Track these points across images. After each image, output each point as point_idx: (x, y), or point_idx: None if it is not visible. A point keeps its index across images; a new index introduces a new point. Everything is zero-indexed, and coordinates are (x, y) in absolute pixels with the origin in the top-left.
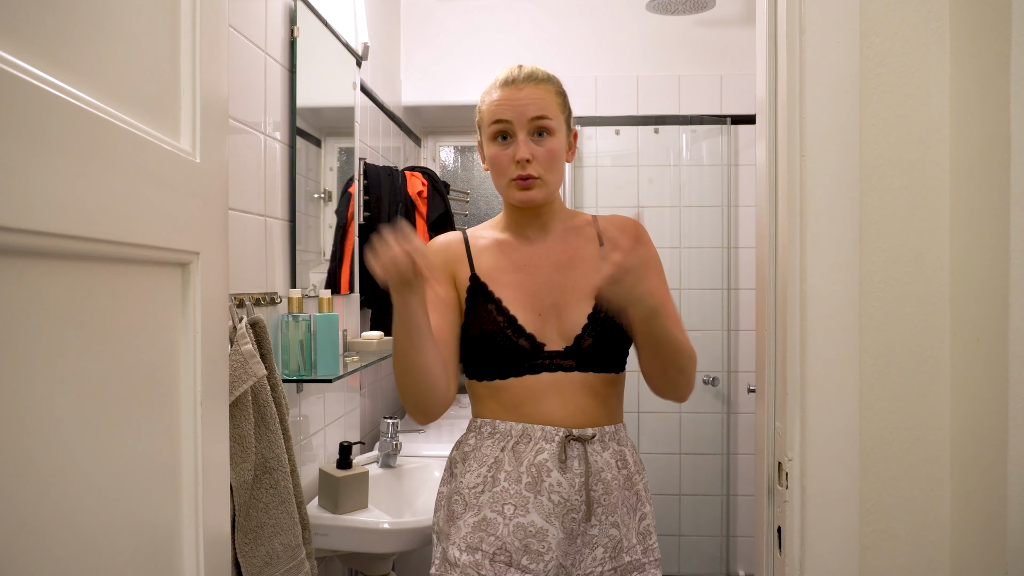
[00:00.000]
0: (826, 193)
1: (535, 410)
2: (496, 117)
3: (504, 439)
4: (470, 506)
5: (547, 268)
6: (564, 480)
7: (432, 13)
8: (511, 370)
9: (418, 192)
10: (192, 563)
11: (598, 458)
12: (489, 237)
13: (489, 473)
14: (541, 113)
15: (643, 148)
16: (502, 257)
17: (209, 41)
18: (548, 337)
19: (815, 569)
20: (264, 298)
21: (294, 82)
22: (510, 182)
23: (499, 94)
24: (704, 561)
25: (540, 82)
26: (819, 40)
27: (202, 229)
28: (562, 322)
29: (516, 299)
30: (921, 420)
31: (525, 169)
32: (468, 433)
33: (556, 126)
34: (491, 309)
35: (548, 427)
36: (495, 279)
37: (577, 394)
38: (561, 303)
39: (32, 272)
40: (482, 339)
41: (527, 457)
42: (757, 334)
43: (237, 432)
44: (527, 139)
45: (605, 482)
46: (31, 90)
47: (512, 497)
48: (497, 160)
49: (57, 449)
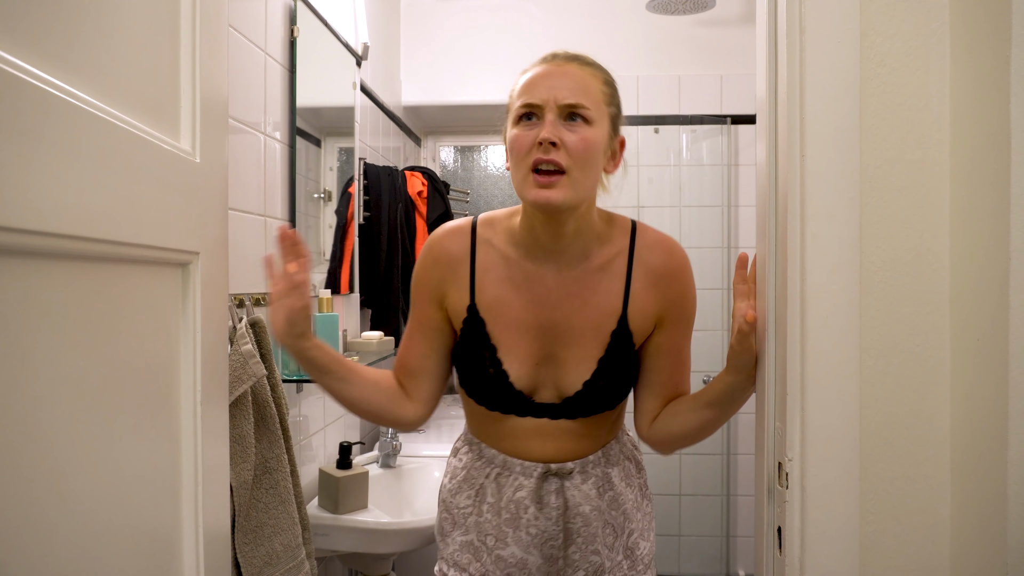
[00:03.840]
0: (826, 193)
1: (516, 446)
2: (525, 95)
3: (488, 466)
4: (458, 525)
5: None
6: (541, 515)
7: (432, 13)
8: (496, 407)
9: (418, 192)
10: (192, 563)
11: (576, 492)
12: (499, 248)
13: (477, 497)
14: (576, 99)
15: (643, 148)
16: (508, 286)
17: (209, 41)
18: (541, 386)
19: (815, 569)
20: (264, 298)
21: (294, 82)
22: (527, 172)
23: (535, 71)
24: (704, 561)
25: (584, 65)
26: (819, 40)
27: (202, 229)
28: (559, 376)
29: (514, 347)
30: (921, 420)
31: (549, 153)
32: (463, 444)
33: (595, 116)
34: (484, 356)
35: (527, 463)
36: (496, 317)
37: (560, 438)
38: (561, 356)
39: (32, 272)
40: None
41: (507, 492)
42: (757, 334)
43: (237, 432)
44: (557, 120)
45: (584, 515)
46: (31, 90)
47: (493, 529)
48: (517, 142)
49: (57, 449)
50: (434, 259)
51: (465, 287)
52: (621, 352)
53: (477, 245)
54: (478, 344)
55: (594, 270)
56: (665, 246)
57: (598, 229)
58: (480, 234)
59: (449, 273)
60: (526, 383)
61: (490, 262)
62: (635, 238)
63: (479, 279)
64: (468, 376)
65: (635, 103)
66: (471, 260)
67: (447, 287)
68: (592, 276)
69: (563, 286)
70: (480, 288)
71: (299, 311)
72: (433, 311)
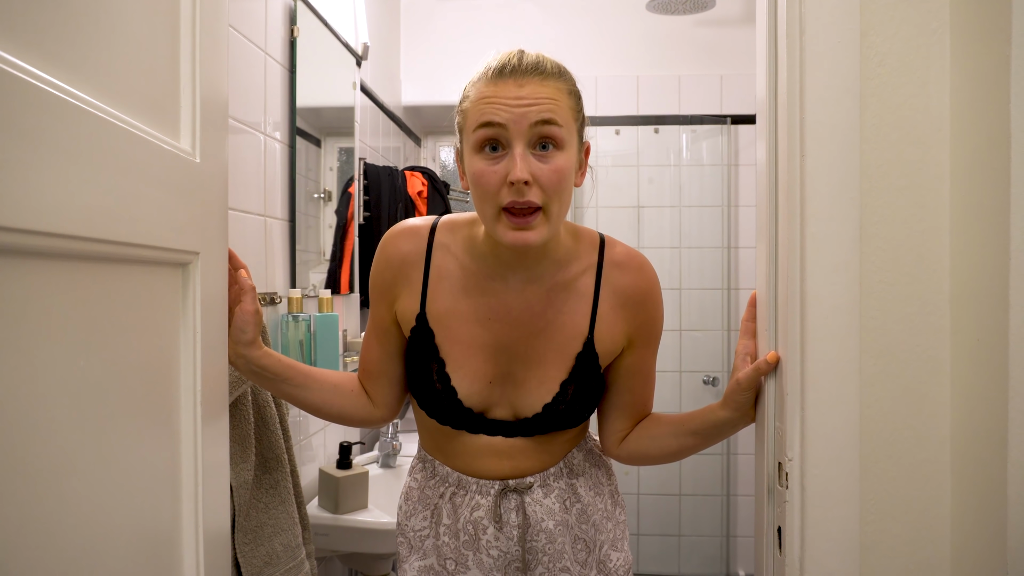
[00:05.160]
0: (826, 193)
1: (470, 464)
2: (485, 119)
3: (443, 484)
4: (415, 549)
5: (516, 329)
6: (501, 535)
7: (432, 13)
8: (447, 422)
9: (418, 192)
10: (192, 563)
11: (537, 508)
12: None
13: (433, 518)
14: (547, 116)
15: (643, 148)
16: (462, 297)
17: (209, 41)
18: (495, 404)
19: (815, 569)
20: (264, 298)
21: (294, 82)
22: (498, 212)
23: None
24: (704, 561)
25: (548, 77)
26: (819, 40)
27: (202, 229)
28: (517, 396)
29: (465, 364)
30: (921, 420)
31: (523, 195)
32: (417, 462)
33: (566, 137)
34: (432, 368)
35: (483, 480)
36: (446, 329)
37: (517, 456)
38: (520, 377)
39: (32, 272)
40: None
41: (463, 513)
42: (757, 334)
43: (237, 432)
44: (526, 152)
45: (547, 531)
46: (31, 90)
47: (452, 552)
48: (483, 179)
49: (57, 449)
50: (386, 259)
51: (416, 293)
52: (586, 375)
53: (434, 250)
54: (425, 356)
55: (559, 288)
56: (634, 264)
57: (565, 245)
58: (438, 239)
59: (401, 276)
60: (476, 401)
61: (445, 270)
62: (603, 255)
63: (432, 287)
64: (416, 387)
65: (635, 103)
66: (426, 265)
67: (398, 290)
68: (557, 295)
69: (525, 305)
70: (432, 297)
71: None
72: (386, 312)
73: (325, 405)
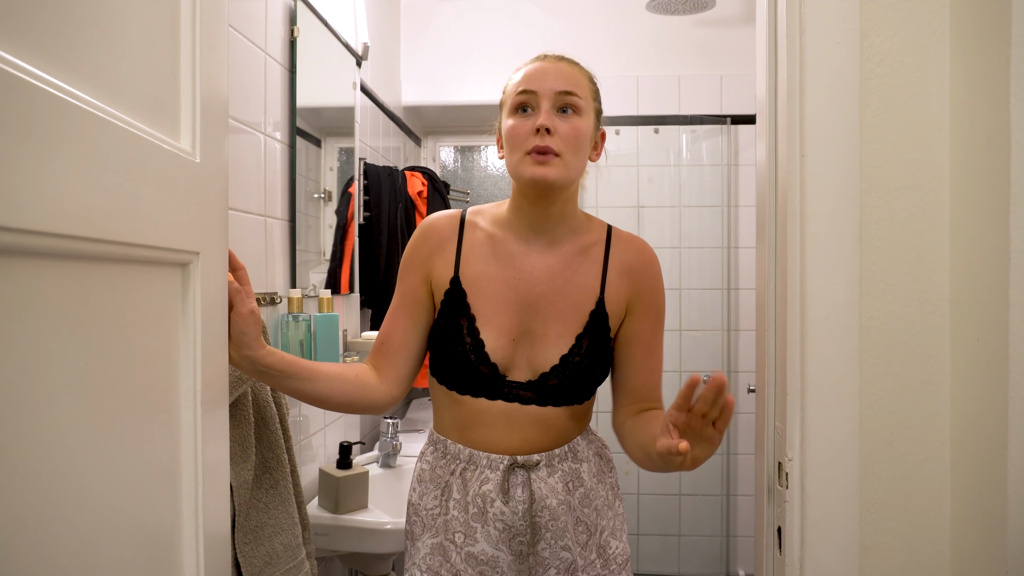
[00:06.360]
0: (826, 193)
1: (482, 436)
2: (521, 87)
3: (454, 462)
4: (427, 528)
5: (538, 287)
6: (507, 509)
7: (432, 13)
8: (468, 389)
9: (418, 192)
10: (192, 563)
11: (542, 485)
12: (486, 228)
13: (443, 496)
14: (570, 88)
15: (643, 148)
16: (492, 261)
17: (209, 41)
18: (515, 365)
19: (815, 569)
20: (264, 298)
21: (294, 82)
22: (524, 155)
23: (529, 67)
24: (704, 561)
25: (573, 64)
26: (819, 40)
27: (202, 229)
28: (534, 353)
29: (493, 318)
30: (921, 420)
31: (544, 140)
32: (428, 446)
33: (584, 107)
34: (462, 325)
35: (493, 455)
36: (477, 289)
37: (528, 427)
38: (539, 332)
39: (32, 272)
40: (445, 351)
41: (473, 486)
42: (757, 334)
43: (237, 432)
44: (551, 111)
45: (551, 508)
46: (31, 90)
47: (461, 526)
48: (514, 131)
49: (57, 449)
50: (424, 236)
51: (451, 262)
52: (597, 332)
53: (465, 228)
54: (458, 313)
55: (575, 253)
56: (637, 244)
57: (580, 218)
58: (468, 219)
59: (437, 249)
60: (501, 356)
61: (476, 241)
62: (611, 235)
63: (464, 255)
64: (443, 353)
65: (635, 103)
66: (459, 239)
67: (433, 261)
68: (573, 258)
69: (545, 265)
70: (465, 263)
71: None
72: (419, 283)
73: (333, 394)
